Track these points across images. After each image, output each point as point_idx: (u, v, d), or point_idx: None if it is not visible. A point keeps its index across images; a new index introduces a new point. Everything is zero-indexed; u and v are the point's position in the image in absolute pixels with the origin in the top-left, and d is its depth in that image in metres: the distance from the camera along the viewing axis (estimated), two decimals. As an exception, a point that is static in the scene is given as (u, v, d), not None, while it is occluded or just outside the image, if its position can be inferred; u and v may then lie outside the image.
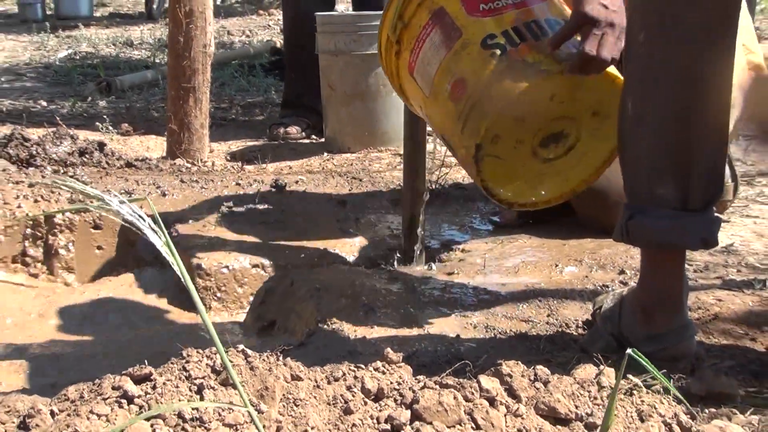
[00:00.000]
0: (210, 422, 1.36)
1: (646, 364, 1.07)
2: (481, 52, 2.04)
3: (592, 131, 2.10)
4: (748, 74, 2.71)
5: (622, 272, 2.51)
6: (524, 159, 2.08)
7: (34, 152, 3.41)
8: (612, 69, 2.04)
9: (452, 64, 2.09)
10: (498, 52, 2.02)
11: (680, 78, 1.79)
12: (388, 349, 1.68)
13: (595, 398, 1.62)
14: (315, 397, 1.48)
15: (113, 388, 1.44)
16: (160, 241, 1.03)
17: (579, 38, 1.98)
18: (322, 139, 4.19)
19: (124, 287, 2.76)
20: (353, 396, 1.50)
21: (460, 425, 1.47)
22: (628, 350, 1.08)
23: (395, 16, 2.21)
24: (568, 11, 2.06)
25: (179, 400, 1.41)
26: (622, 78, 2.02)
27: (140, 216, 1.03)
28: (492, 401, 1.53)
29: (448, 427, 1.46)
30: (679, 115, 1.80)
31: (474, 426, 1.48)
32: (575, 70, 1.95)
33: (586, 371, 1.69)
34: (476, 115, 2.02)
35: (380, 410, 1.48)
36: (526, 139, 2.05)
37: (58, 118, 4.43)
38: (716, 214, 1.90)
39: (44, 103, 5.12)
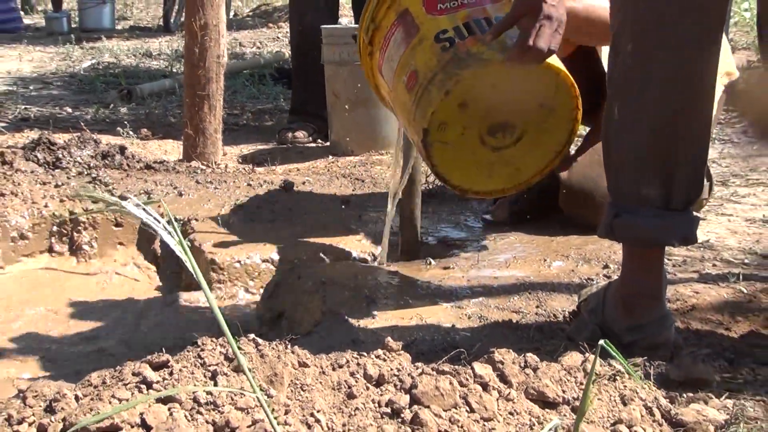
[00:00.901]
0: (223, 406, 1.36)
1: (615, 354, 1.07)
2: (433, 45, 2.03)
3: (539, 123, 2.07)
4: (722, 81, 2.71)
5: (606, 266, 2.51)
6: (473, 147, 2.06)
7: (60, 155, 3.41)
8: (556, 62, 2.02)
9: (409, 58, 2.09)
10: (447, 44, 2.01)
11: (666, 87, 1.79)
12: (389, 338, 1.68)
13: (581, 384, 1.62)
14: (321, 383, 1.48)
15: (133, 374, 1.44)
16: (173, 240, 1.02)
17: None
18: (327, 143, 4.19)
19: (146, 280, 2.77)
20: (356, 381, 1.50)
21: (456, 408, 1.47)
22: (601, 341, 1.07)
23: (369, 19, 2.21)
24: None
25: (194, 386, 1.41)
26: (565, 71, 2.01)
27: (156, 217, 1.03)
28: (485, 386, 1.53)
29: (445, 410, 1.46)
30: (663, 121, 1.80)
31: (468, 409, 1.48)
32: (514, 60, 1.92)
33: (572, 359, 1.69)
34: (424, 102, 2.01)
35: (381, 395, 1.48)
36: (472, 126, 2.03)
37: (82, 124, 4.42)
38: (695, 214, 1.90)
39: (69, 110, 5.12)
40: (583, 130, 3.19)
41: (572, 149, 3.03)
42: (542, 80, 2.00)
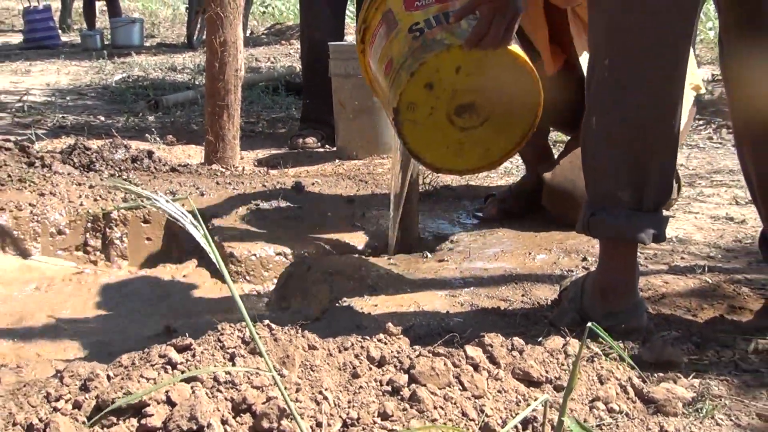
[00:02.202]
0: (240, 384, 1.36)
1: (604, 336, 1.06)
2: (407, 36, 2.02)
3: (503, 106, 2.05)
4: (690, 94, 2.71)
5: (584, 259, 2.50)
6: (442, 126, 2.04)
7: (94, 159, 3.41)
8: (516, 49, 2.00)
9: (387, 49, 2.09)
10: (418, 34, 2.00)
11: (638, 99, 1.79)
12: (389, 324, 1.68)
13: (563, 364, 1.62)
14: (328, 364, 1.48)
15: (159, 356, 1.44)
16: (199, 233, 1.02)
17: None
18: (334, 148, 4.19)
19: (171, 270, 2.76)
20: (360, 363, 1.50)
21: (450, 387, 1.47)
22: (589, 324, 1.07)
23: (361, 20, 2.21)
24: None
25: (215, 366, 1.40)
26: (525, 57, 1.99)
27: (183, 213, 1.03)
28: (476, 367, 1.53)
29: (440, 388, 1.46)
30: (636, 130, 1.80)
31: (461, 388, 1.48)
32: (472, 44, 1.91)
33: (554, 342, 1.69)
34: (395, 85, 2.01)
35: (383, 375, 1.48)
36: (439, 107, 2.01)
37: (114, 131, 4.42)
38: (665, 213, 1.90)
39: (102, 118, 5.12)
40: (564, 137, 3.19)
41: (555, 154, 3.03)
42: (502, 65, 1.98)
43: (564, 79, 2.69)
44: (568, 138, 3.08)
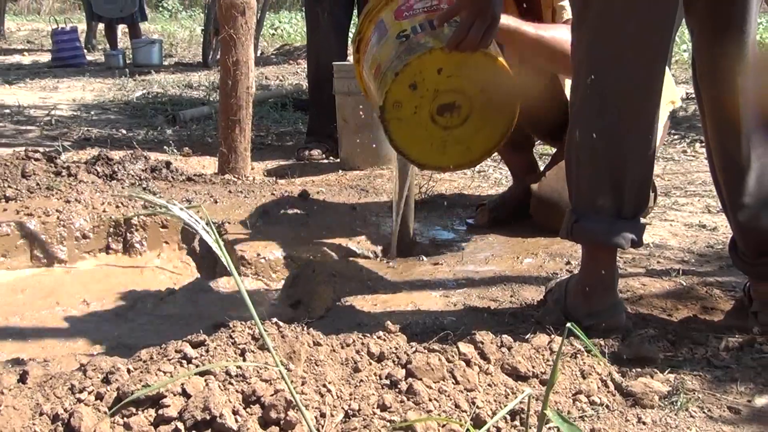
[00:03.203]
0: (250, 378, 1.36)
1: (581, 335, 1.06)
2: (394, 41, 2.01)
3: (482, 106, 2.02)
4: (666, 108, 2.71)
5: (568, 263, 2.50)
6: (426, 125, 2.02)
7: (116, 169, 3.41)
8: (494, 52, 1.98)
9: (377, 55, 2.07)
10: (404, 39, 1.99)
11: (618, 114, 1.79)
12: (388, 322, 1.68)
13: (548, 360, 1.62)
14: (331, 359, 1.48)
15: (176, 351, 1.44)
16: (210, 239, 1.02)
17: None
18: (338, 160, 4.19)
19: (187, 272, 2.77)
20: (361, 358, 1.50)
21: (444, 381, 1.47)
22: (568, 324, 1.07)
23: (356, 32, 2.20)
24: None
25: (227, 361, 1.40)
26: (503, 60, 1.98)
27: (196, 219, 1.03)
28: (468, 362, 1.53)
29: (434, 382, 1.46)
30: (615, 145, 1.80)
31: (454, 381, 1.48)
32: (452, 46, 1.90)
33: (540, 339, 1.69)
34: (382, 85, 1.99)
35: (382, 369, 1.48)
36: (423, 106, 1.99)
37: (134, 143, 4.42)
38: (642, 221, 1.90)
39: (124, 132, 5.12)
40: (550, 149, 3.19)
41: (541, 166, 3.04)
42: (481, 67, 1.96)
43: (550, 95, 2.70)
44: (554, 151, 3.08)
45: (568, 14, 2.50)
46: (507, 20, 2.42)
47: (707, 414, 1.54)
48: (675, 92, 2.81)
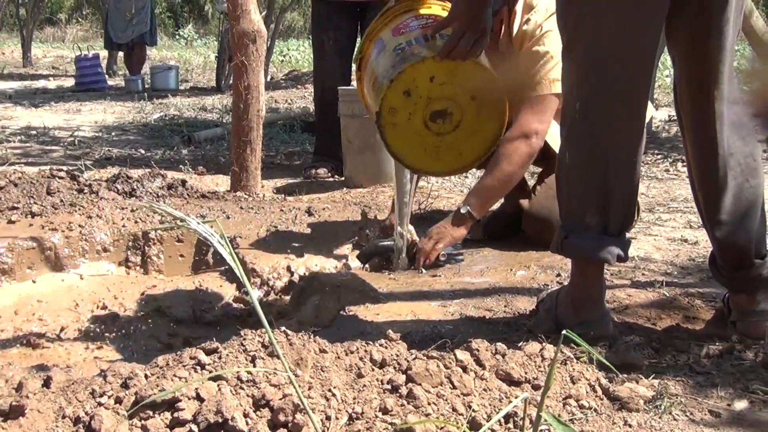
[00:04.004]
0: (260, 383, 1.36)
1: (579, 342, 1.06)
2: (391, 53, 2.01)
3: (473, 114, 2.00)
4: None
5: (558, 275, 2.50)
6: (419, 130, 2.00)
7: (135, 187, 3.42)
8: (483, 61, 1.98)
9: (375, 67, 2.07)
10: (400, 51, 1.99)
11: (604, 139, 1.80)
12: (389, 330, 1.68)
13: (540, 366, 1.61)
14: (336, 365, 1.48)
15: (190, 358, 1.44)
16: (225, 251, 1.02)
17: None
18: (342, 178, 4.20)
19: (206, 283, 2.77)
20: (364, 364, 1.50)
21: (442, 386, 1.47)
22: (564, 331, 1.07)
23: (358, 51, 2.20)
24: None
25: (238, 367, 1.40)
26: (491, 69, 1.97)
27: (211, 233, 1.03)
28: (465, 368, 1.52)
29: (433, 387, 1.45)
30: (604, 167, 1.81)
31: (452, 386, 1.48)
32: (443, 55, 1.89)
33: (532, 347, 1.68)
34: (378, 92, 1.98)
35: (384, 375, 1.48)
36: (416, 112, 1.97)
37: (152, 162, 4.44)
38: (628, 237, 1.91)
39: (143, 151, 5.13)
40: (536, 168, 3.20)
41: (531, 183, 3.04)
42: (470, 75, 1.95)
43: None
44: (540, 170, 3.09)
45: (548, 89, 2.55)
46: (472, 199, 2.62)
47: (689, 417, 1.53)
48: (651, 111, 2.83)
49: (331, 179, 4.28)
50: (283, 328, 1.54)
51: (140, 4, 9.53)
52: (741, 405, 1.58)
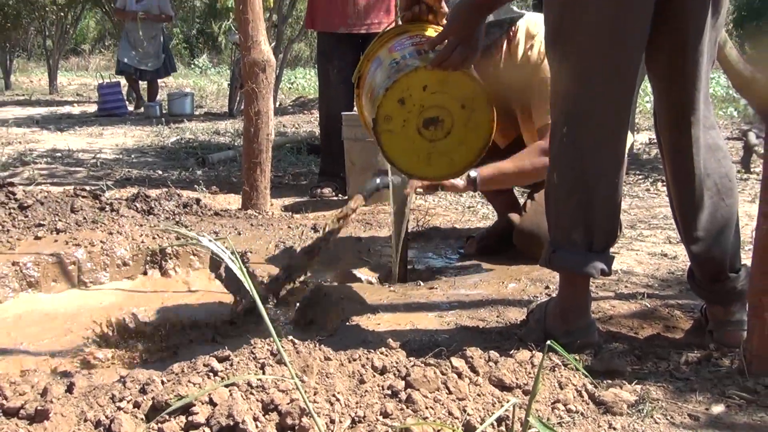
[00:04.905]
0: (269, 389, 1.36)
1: (561, 351, 1.06)
2: (387, 67, 2.01)
3: (463, 121, 1.98)
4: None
5: (547, 287, 2.50)
6: (413, 136, 1.98)
7: (153, 205, 3.42)
8: (473, 73, 1.97)
9: (372, 81, 2.07)
10: (395, 64, 1.99)
11: (589, 161, 1.81)
12: (389, 339, 1.68)
13: (530, 373, 1.61)
14: (340, 372, 1.48)
15: (204, 365, 1.44)
16: (235, 266, 1.03)
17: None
18: (346, 197, 4.20)
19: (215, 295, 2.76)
20: (366, 371, 1.50)
21: (438, 391, 1.47)
22: (548, 341, 1.07)
23: (356, 71, 2.19)
24: None
25: (249, 374, 1.40)
26: (480, 81, 1.96)
27: (222, 249, 1.04)
28: (460, 375, 1.52)
29: (430, 392, 1.45)
30: (588, 187, 1.81)
31: (448, 391, 1.47)
32: (435, 64, 1.89)
33: (523, 355, 1.68)
34: (374, 100, 1.98)
35: (384, 381, 1.48)
36: (410, 119, 1.96)
37: (169, 182, 4.44)
38: (611, 252, 1.91)
39: (160, 172, 5.14)
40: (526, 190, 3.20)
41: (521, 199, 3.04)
42: (461, 85, 1.94)
43: (521, 148, 2.73)
44: (529, 190, 3.09)
45: (544, 121, 2.55)
46: (485, 169, 2.51)
47: (670, 420, 1.53)
48: (632, 138, 2.84)
49: (335, 198, 4.28)
50: (291, 337, 1.54)
51: (152, 33, 9.49)
52: (718, 409, 1.58)
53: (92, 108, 9.88)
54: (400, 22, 2.17)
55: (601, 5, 1.71)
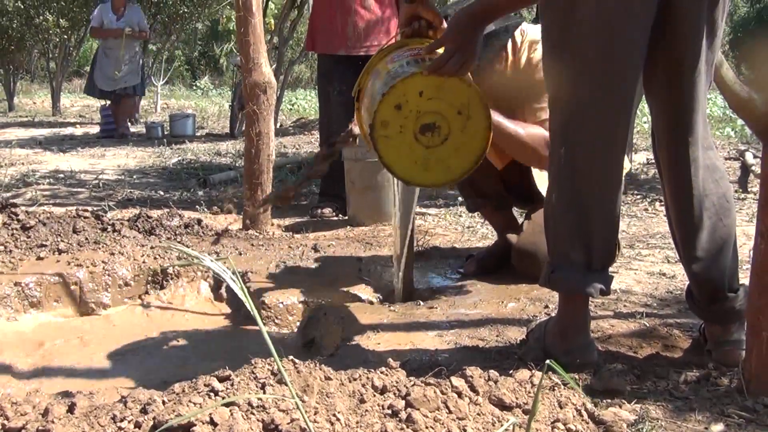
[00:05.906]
0: (269, 408, 1.35)
1: (560, 371, 1.06)
2: (385, 76, 2.01)
3: (460, 127, 1.97)
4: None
5: (546, 307, 2.50)
6: (409, 143, 1.97)
7: (155, 225, 3.43)
8: (469, 79, 1.97)
9: (371, 90, 2.07)
10: (393, 72, 1.99)
11: (587, 181, 1.82)
12: (390, 359, 1.67)
13: (529, 392, 1.61)
14: (340, 392, 1.47)
15: (204, 385, 1.44)
16: (236, 286, 1.03)
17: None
18: (346, 217, 4.20)
19: (216, 315, 2.76)
20: (366, 390, 1.49)
21: (438, 410, 1.46)
22: (547, 360, 1.07)
23: (356, 85, 2.18)
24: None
25: (249, 394, 1.40)
26: (476, 86, 1.96)
27: (224, 269, 1.04)
28: (460, 394, 1.52)
29: (430, 411, 1.45)
30: (587, 207, 1.82)
31: (448, 411, 1.47)
32: (431, 70, 1.89)
33: (523, 374, 1.68)
34: (372, 107, 1.97)
35: (384, 400, 1.48)
36: (407, 125, 1.95)
37: (170, 203, 4.45)
38: (610, 272, 1.91)
39: (162, 193, 5.15)
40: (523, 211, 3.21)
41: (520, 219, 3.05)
42: (457, 91, 1.94)
43: (519, 170, 2.74)
44: (527, 210, 3.10)
45: (544, 115, 2.55)
46: (492, 115, 2.49)
47: (670, 440, 1.52)
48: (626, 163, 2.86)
49: (336, 218, 4.29)
50: (291, 357, 1.54)
51: (132, 50, 9.44)
52: (717, 428, 1.57)
53: (94, 129, 9.90)
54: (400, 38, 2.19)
55: (595, 26, 1.73)
